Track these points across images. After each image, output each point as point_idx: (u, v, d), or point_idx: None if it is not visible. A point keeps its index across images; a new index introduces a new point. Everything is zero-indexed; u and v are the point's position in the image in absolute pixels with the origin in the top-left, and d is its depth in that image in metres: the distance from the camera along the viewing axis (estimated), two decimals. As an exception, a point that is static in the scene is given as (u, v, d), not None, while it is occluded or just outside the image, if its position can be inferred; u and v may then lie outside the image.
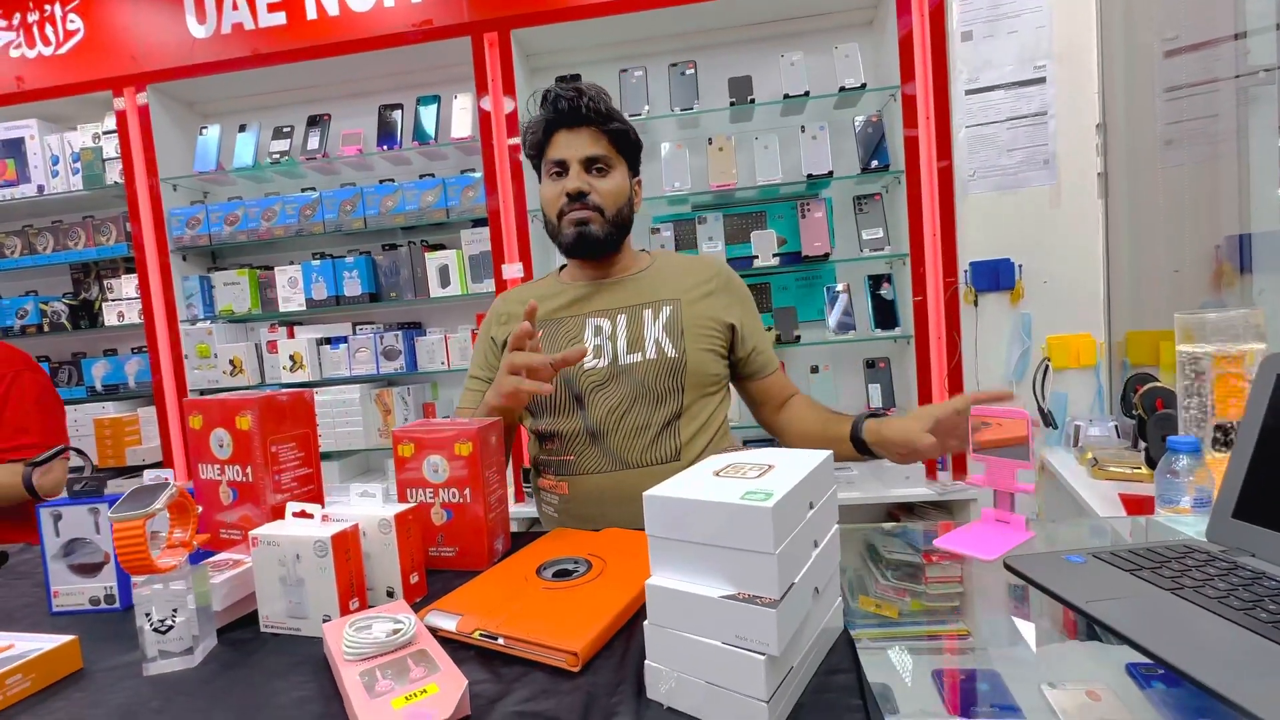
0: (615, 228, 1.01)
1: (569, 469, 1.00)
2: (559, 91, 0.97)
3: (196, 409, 0.72)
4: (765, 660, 0.41)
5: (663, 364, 0.99)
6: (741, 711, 0.42)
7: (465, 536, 0.77)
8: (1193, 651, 0.47)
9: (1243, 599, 0.52)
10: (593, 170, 0.99)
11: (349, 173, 2.13)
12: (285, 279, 2.03)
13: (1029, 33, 1.66)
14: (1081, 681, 0.54)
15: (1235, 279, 1.48)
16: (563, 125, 0.98)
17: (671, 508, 0.45)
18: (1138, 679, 0.53)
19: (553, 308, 1.05)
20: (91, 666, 0.60)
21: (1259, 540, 0.61)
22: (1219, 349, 0.83)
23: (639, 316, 1.02)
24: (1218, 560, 0.60)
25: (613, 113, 0.98)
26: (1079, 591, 0.57)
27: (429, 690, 0.46)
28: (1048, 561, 0.64)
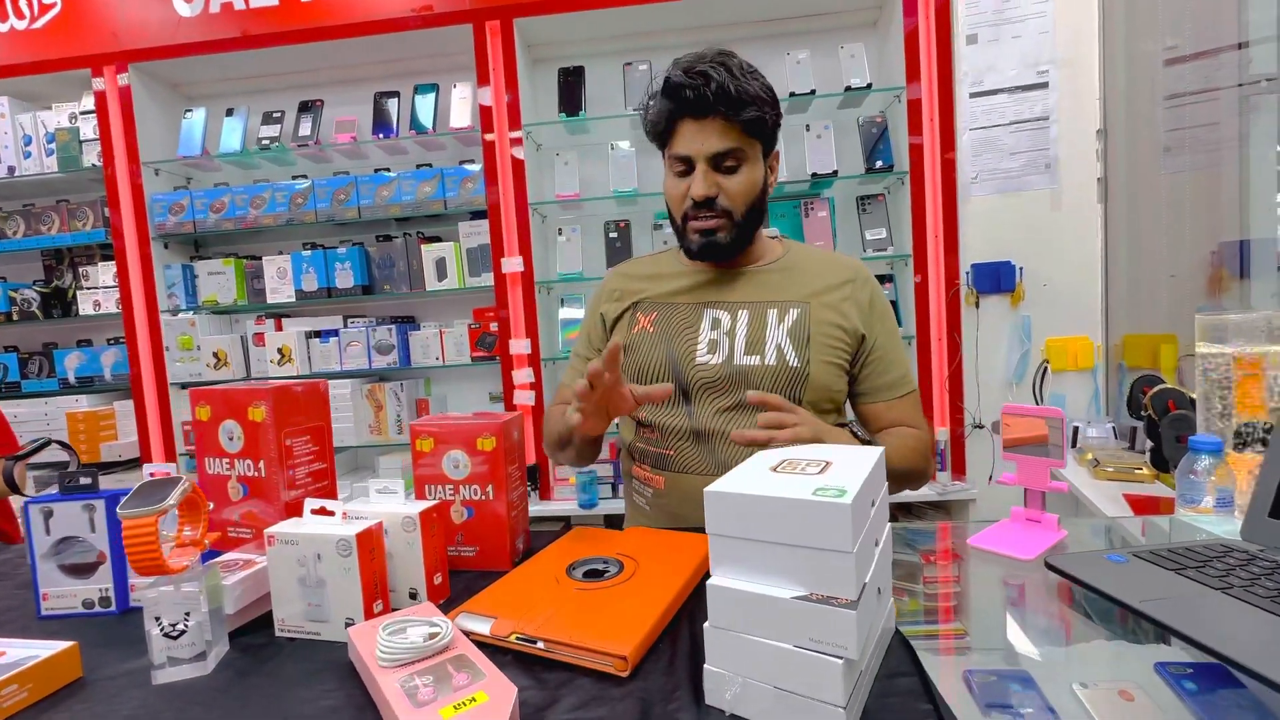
0: (746, 228, 0.91)
1: (667, 464, 0.92)
2: (682, 79, 0.83)
3: (204, 399, 0.67)
4: (843, 664, 0.39)
5: (782, 372, 0.89)
6: (816, 717, 0.40)
7: (486, 535, 0.74)
8: (1260, 651, 0.46)
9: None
10: (722, 168, 0.87)
11: (341, 161, 2.07)
12: (274, 269, 1.96)
13: (1032, 37, 1.67)
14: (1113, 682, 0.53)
15: (1232, 284, 1.51)
16: (687, 115, 0.85)
17: (737, 504, 0.42)
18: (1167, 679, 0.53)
19: (670, 290, 0.97)
20: (92, 675, 0.55)
21: (1298, 541, 0.61)
22: (1240, 350, 0.84)
23: (762, 315, 0.92)
24: (1259, 559, 0.60)
25: (745, 97, 0.83)
26: (1130, 591, 0.56)
27: (478, 699, 0.43)
28: (1090, 561, 0.63)
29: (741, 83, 0.83)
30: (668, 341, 0.93)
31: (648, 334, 0.95)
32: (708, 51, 0.86)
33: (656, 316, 0.96)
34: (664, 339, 0.94)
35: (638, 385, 0.78)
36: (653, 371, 0.93)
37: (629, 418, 1.00)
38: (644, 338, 0.95)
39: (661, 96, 0.87)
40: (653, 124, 0.90)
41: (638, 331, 0.97)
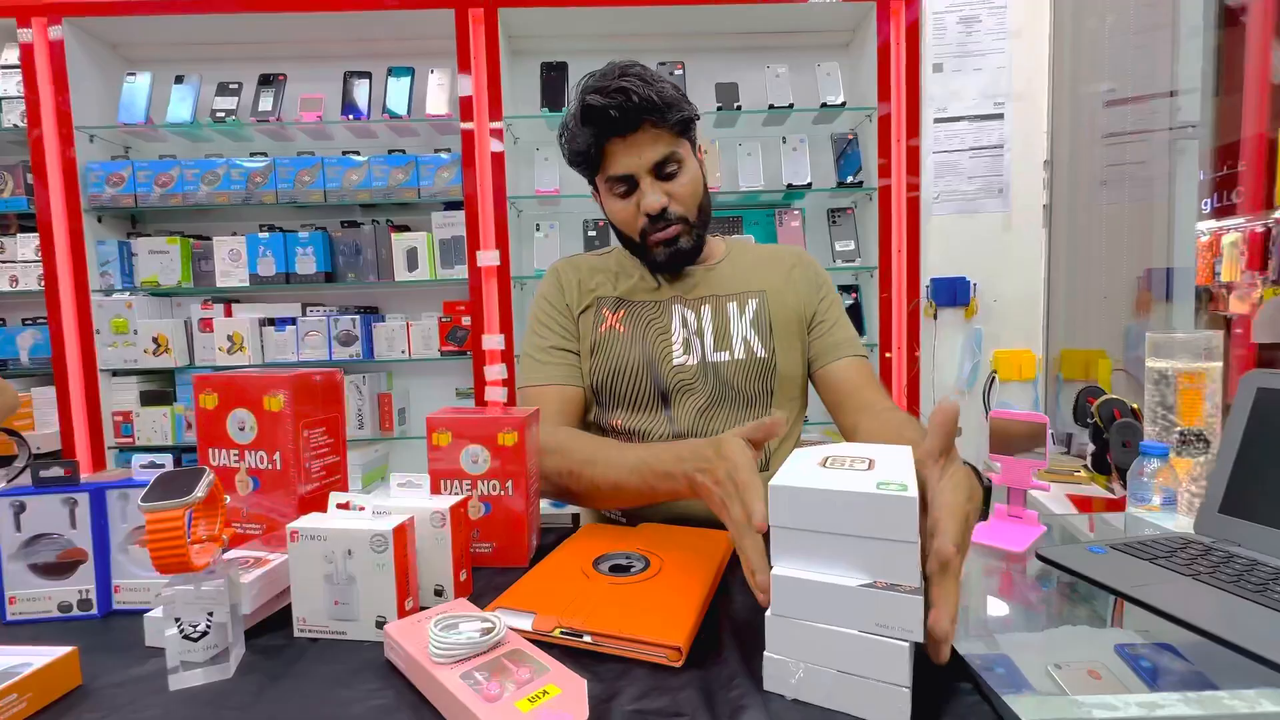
0: (702, 226, 0.90)
1: None
2: (603, 101, 0.80)
3: (211, 387, 0.63)
4: (909, 646, 0.42)
5: (752, 365, 0.89)
6: (882, 698, 0.42)
7: (504, 531, 0.73)
8: (1232, 627, 0.52)
9: (1252, 582, 0.59)
10: (664, 175, 0.85)
11: (304, 141, 1.97)
12: (226, 251, 1.83)
13: (991, 71, 1.80)
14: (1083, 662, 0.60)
15: (1156, 306, 1.68)
16: (614, 134, 0.83)
17: (803, 498, 0.44)
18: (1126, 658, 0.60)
19: (630, 287, 0.94)
20: (94, 682, 0.51)
21: (1244, 532, 0.69)
22: (1184, 365, 0.94)
23: (724, 309, 0.92)
24: (1214, 550, 0.68)
25: (667, 101, 0.81)
26: (1118, 579, 0.62)
27: (550, 691, 0.43)
28: (1075, 553, 0.70)
29: (658, 88, 0.81)
30: (642, 341, 0.91)
31: (619, 334, 0.92)
32: (612, 68, 0.84)
33: (625, 315, 0.93)
34: (638, 339, 0.91)
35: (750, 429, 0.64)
36: (630, 374, 0.90)
37: (596, 424, 0.96)
38: (615, 337, 0.92)
39: (583, 124, 0.83)
40: (580, 153, 0.86)
41: (606, 330, 0.93)
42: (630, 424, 0.91)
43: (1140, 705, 0.45)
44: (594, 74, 0.84)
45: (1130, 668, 0.58)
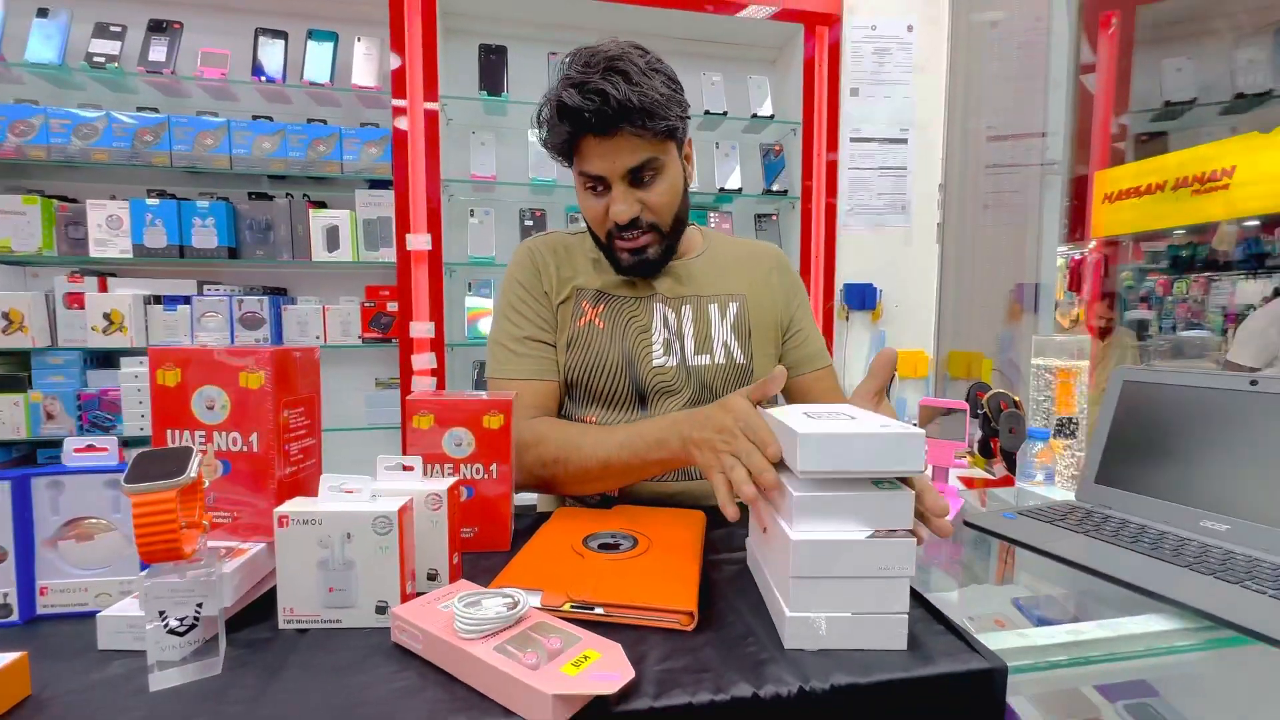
0: (676, 234, 0.87)
1: None
2: (579, 102, 0.74)
3: (173, 361, 0.57)
4: (906, 580, 0.49)
5: (732, 370, 0.89)
6: (887, 628, 0.49)
7: (487, 515, 0.72)
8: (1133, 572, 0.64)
9: (1126, 536, 0.73)
10: (639, 181, 0.81)
11: (203, 100, 1.76)
12: (103, 216, 1.60)
13: (898, 100, 2.01)
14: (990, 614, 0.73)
15: (1023, 315, 1.96)
16: (590, 133, 0.77)
17: (831, 443, 0.49)
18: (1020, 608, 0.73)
19: (610, 280, 0.90)
20: (43, 692, 0.45)
21: (1114, 498, 0.84)
22: (1061, 364, 1.12)
23: (705, 312, 0.90)
24: (1095, 513, 0.82)
25: (650, 105, 0.75)
26: (1029, 537, 0.74)
27: (590, 655, 0.45)
28: (994, 519, 0.82)
29: (644, 89, 0.75)
30: (622, 339, 0.89)
31: (598, 329, 0.90)
32: (599, 53, 0.77)
33: (605, 309, 0.90)
34: (618, 336, 0.89)
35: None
36: (608, 371, 0.89)
37: (568, 418, 0.94)
38: (595, 332, 0.90)
39: (558, 119, 0.78)
40: (555, 146, 0.81)
41: (585, 324, 0.90)
42: (605, 421, 0.89)
43: (1068, 633, 0.55)
44: (580, 57, 0.77)
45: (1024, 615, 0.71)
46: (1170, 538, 0.71)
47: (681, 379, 0.89)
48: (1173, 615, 0.57)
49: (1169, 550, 0.68)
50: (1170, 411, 0.83)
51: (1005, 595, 0.78)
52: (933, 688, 0.47)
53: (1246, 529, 0.69)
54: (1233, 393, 0.76)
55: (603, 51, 0.78)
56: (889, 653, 0.49)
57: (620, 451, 0.76)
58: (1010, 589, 0.81)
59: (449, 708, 0.43)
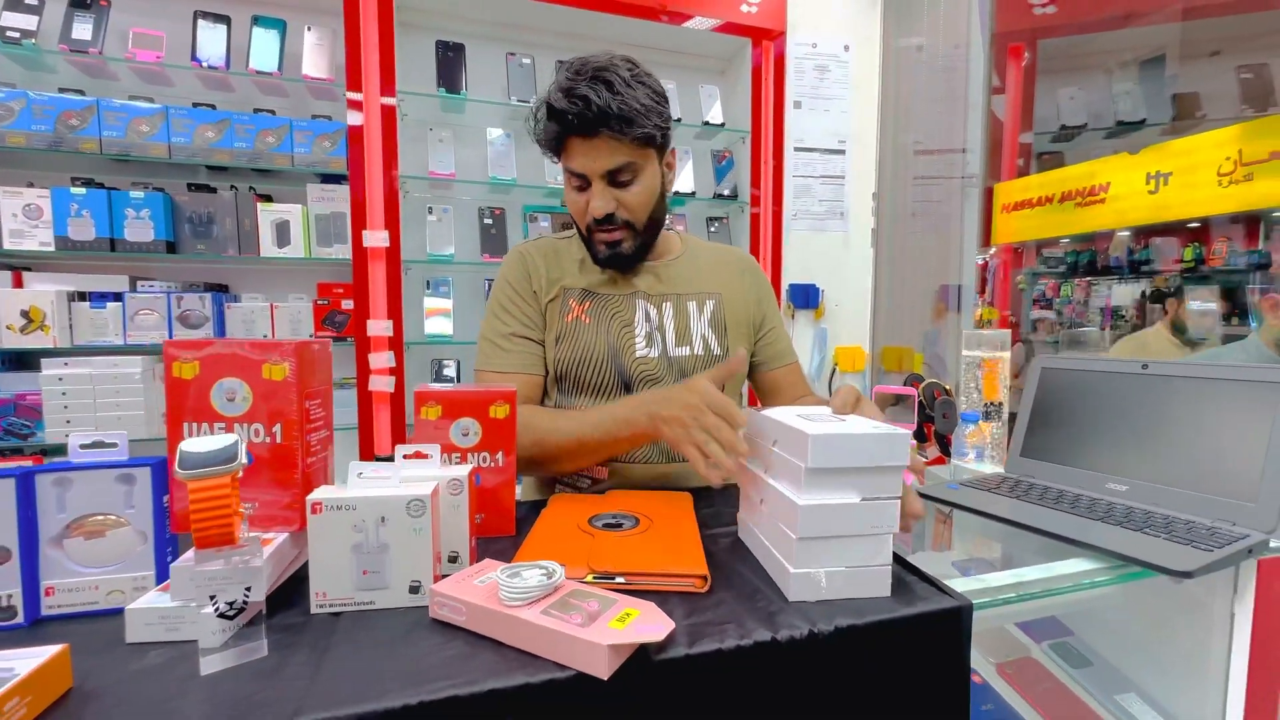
0: (650, 233, 0.94)
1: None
2: (564, 104, 0.82)
3: (189, 352, 0.57)
4: (890, 536, 0.57)
5: (709, 361, 0.97)
6: (875, 577, 0.58)
7: (493, 502, 0.76)
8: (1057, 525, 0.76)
9: (1051, 498, 0.86)
10: (617, 182, 0.88)
11: (133, 84, 1.65)
12: (19, 205, 1.47)
13: (836, 114, 2.16)
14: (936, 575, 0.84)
15: (946, 314, 2.17)
16: (575, 133, 0.85)
17: (833, 443, 0.57)
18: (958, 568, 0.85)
19: (597, 280, 0.97)
20: (84, 684, 0.45)
21: (1038, 469, 0.98)
22: (987, 354, 1.27)
23: (684, 308, 0.98)
24: (1023, 482, 0.96)
25: (630, 113, 0.82)
26: (977, 504, 0.86)
27: (631, 613, 0.50)
28: (941, 489, 0.93)
29: (625, 98, 0.82)
30: (607, 333, 0.96)
31: (584, 324, 0.96)
32: (589, 63, 0.84)
33: (590, 306, 0.97)
34: (603, 330, 0.96)
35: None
36: (595, 362, 0.95)
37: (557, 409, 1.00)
38: (581, 327, 0.96)
39: (548, 118, 0.86)
40: (545, 141, 0.89)
41: (572, 320, 0.96)
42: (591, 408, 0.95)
43: (1014, 575, 0.65)
44: (573, 65, 0.84)
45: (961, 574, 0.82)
46: (1084, 498, 0.84)
47: (663, 368, 0.96)
48: (1091, 559, 0.69)
49: (1084, 507, 0.80)
50: (1080, 393, 0.97)
51: (944, 559, 0.90)
52: (915, 624, 0.56)
53: (1142, 488, 0.83)
54: (1129, 376, 0.91)
55: (593, 61, 0.85)
56: (877, 599, 0.58)
57: (594, 431, 0.83)
58: (947, 555, 0.92)
59: (507, 666, 0.47)
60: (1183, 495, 0.79)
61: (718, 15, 1.97)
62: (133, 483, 0.57)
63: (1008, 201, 2.03)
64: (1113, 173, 1.84)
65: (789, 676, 0.52)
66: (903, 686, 0.56)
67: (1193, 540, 0.68)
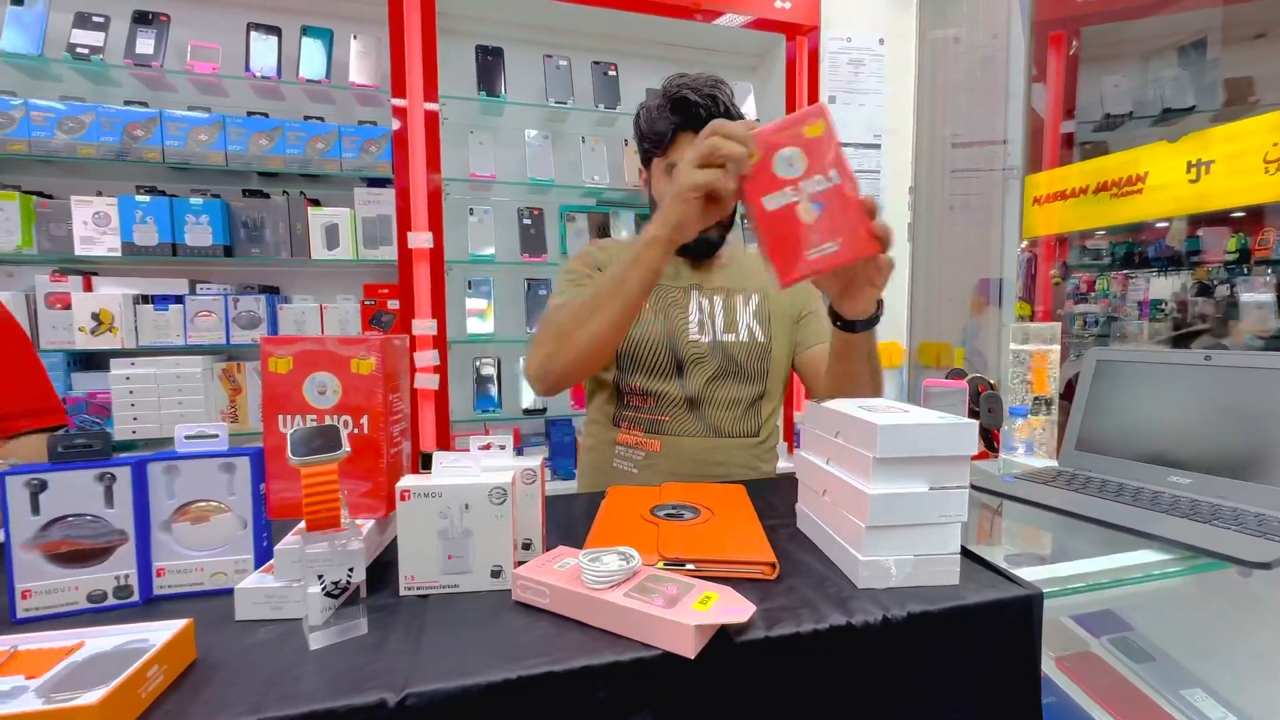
0: (728, 228, 1.07)
1: (662, 429, 1.04)
2: (695, 98, 0.95)
3: (283, 347, 0.61)
4: (958, 524, 0.58)
5: (754, 346, 1.07)
6: (943, 566, 0.58)
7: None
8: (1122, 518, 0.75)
9: (1111, 491, 0.85)
10: None
11: (190, 94, 1.72)
12: (90, 213, 1.55)
13: (872, 108, 2.14)
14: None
15: (986, 308, 2.13)
16: (690, 129, 0.96)
17: (902, 433, 0.58)
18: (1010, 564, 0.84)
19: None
20: (207, 656, 0.49)
21: (1095, 462, 0.97)
22: (1036, 348, 1.26)
23: (733, 301, 1.09)
24: (1078, 475, 0.95)
25: (734, 113, 0.96)
26: (1034, 496, 0.85)
27: (711, 597, 0.52)
28: (996, 482, 0.93)
29: (732, 105, 0.98)
30: (663, 319, 1.06)
31: (644, 310, 1.06)
32: (704, 77, 0.99)
33: (651, 297, 1.06)
34: (660, 316, 1.07)
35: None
36: (651, 343, 1.06)
37: (615, 388, 1.08)
38: (641, 312, 1.06)
39: (670, 110, 0.98)
40: (657, 134, 1.00)
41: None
42: (647, 385, 1.05)
43: (1082, 565, 0.65)
44: (686, 77, 0.99)
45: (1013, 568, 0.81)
46: (1145, 491, 0.83)
47: (712, 351, 1.06)
48: (1158, 550, 0.69)
49: (1146, 500, 0.80)
50: (1138, 385, 0.96)
51: (996, 553, 0.89)
52: (987, 612, 0.56)
53: (1207, 481, 0.82)
54: (1191, 367, 0.89)
55: (705, 76, 1.00)
56: (946, 587, 0.58)
57: (606, 275, 0.89)
58: (998, 547, 0.92)
59: (594, 645, 0.50)
60: (1250, 488, 0.77)
61: (751, 11, 1.97)
62: (233, 471, 0.61)
63: (1040, 194, 1.98)
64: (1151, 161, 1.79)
65: (863, 660, 0.53)
66: (974, 674, 0.56)
67: (1265, 533, 0.67)
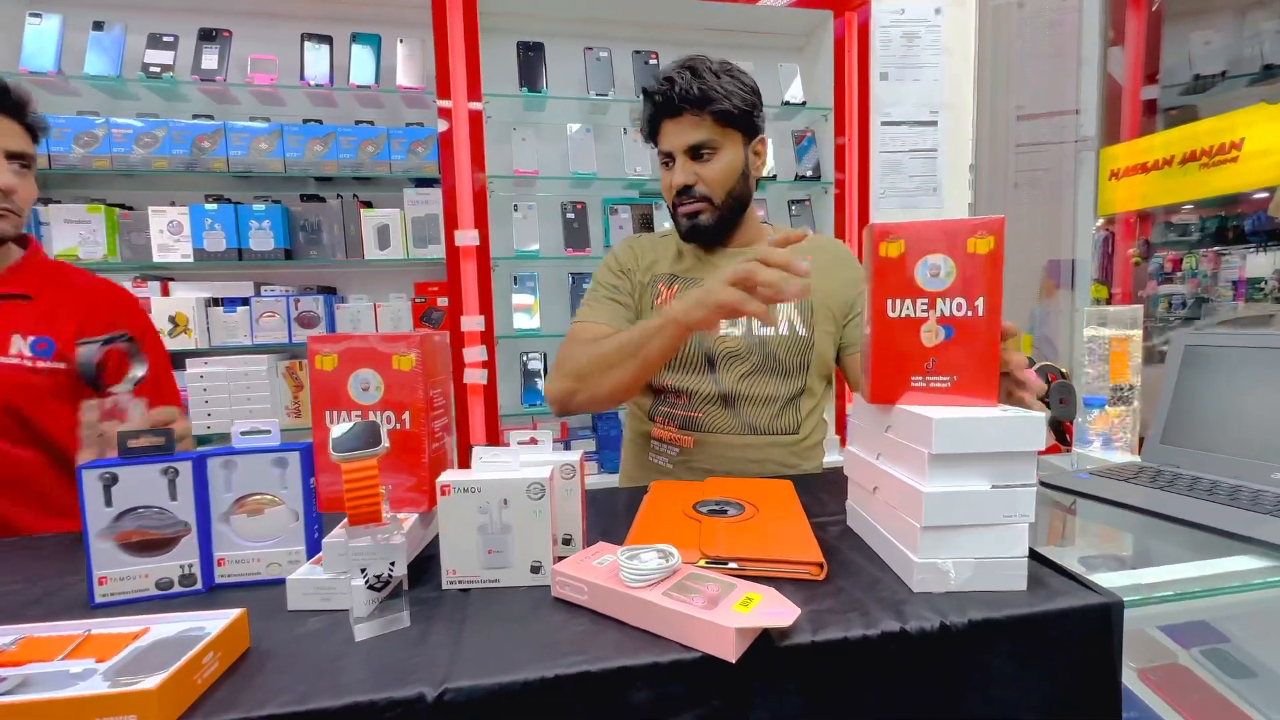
0: (729, 209, 1.00)
1: (696, 425, 1.01)
2: (654, 85, 0.97)
3: (329, 345, 0.62)
4: (1026, 526, 0.53)
5: (794, 341, 1.02)
6: (1009, 570, 0.54)
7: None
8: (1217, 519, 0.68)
9: (1204, 489, 0.77)
10: (699, 157, 0.96)
11: (251, 105, 1.81)
12: (164, 223, 1.66)
13: (928, 83, 2.03)
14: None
15: (1055, 291, 1.99)
16: (665, 115, 0.96)
17: (959, 426, 0.54)
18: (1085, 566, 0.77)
19: (687, 266, 1.05)
20: (259, 644, 0.51)
21: (1182, 456, 0.88)
22: (1115, 333, 1.16)
23: None
24: (1164, 471, 0.87)
25: (710, 93, 0.93)
26: (1112, 494, 0.79)
27: (753, 599, 0.50)
28: (1069, 478, 0.86)
29: (704, 80, 0.93)
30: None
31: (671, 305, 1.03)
32: (679, 60, 0.97)
33: (678, 290, 1.04)
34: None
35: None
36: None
37: (649, 386, 1.06)
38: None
39: (645, 102, 1.00)
40: (645, 126, 1.01)
41: (662, 303, 1.05)
42: (678, 384, 1.03)
43: (1170, 571, 0.59)
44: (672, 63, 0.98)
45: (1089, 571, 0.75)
46: (1244, 489, 0.75)
47: (746, 345, 1.02)
48: (1260, 556, 0.62)
49: (1246, 500, 0.72)
50: (1233, 372, 0.86)
51: (1069, 556, 0.82)
52: (1058, 622, 0.52)
53: (1319, 479, 0.73)
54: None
55: (686, 58, 0.98)
56: (1011, 593, 0.54)
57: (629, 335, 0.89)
58: (1072, 549, 0.85)
59: (633, 645, 0.48)
60: (1374, 488, 0.68)
61: (793, -10, 1.90)
62: (285, 466, 0.63)
63: (1117, 167, 1.82)
64: (1249, 126, 1.61)
65: (918, 670, 0.50)
66: (1045, 688, 0.52)
67: (1391, 538, 0.59)
